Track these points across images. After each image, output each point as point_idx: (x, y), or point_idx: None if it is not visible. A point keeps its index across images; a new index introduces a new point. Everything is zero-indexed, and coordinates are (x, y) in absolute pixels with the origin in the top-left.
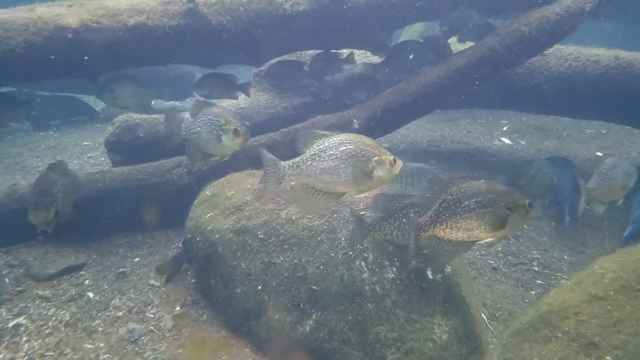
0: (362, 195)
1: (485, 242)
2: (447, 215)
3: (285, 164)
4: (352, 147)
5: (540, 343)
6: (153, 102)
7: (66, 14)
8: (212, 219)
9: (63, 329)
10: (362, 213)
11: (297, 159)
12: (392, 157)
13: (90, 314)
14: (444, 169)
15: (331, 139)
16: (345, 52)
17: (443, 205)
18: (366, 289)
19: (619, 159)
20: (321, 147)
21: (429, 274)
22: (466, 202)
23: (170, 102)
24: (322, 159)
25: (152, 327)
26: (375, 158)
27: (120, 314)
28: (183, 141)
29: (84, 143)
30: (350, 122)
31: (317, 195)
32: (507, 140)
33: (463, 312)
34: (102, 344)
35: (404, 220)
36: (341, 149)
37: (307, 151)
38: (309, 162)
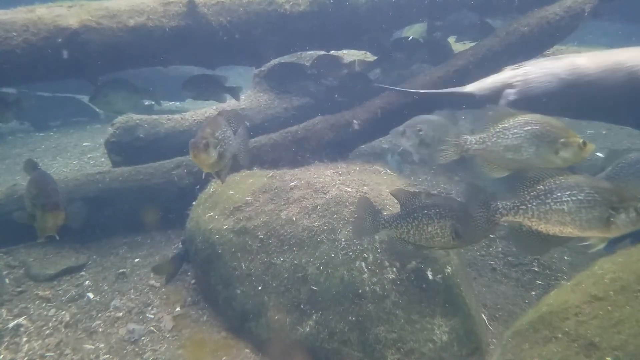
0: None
1: (586, 244)
2: (534, 204)
3: (472, 137)
4: (537, 127)
5: (540, 344)
6: (153, 103)
7: (66, 14)
8: (212, 219)
9: (63, 330)
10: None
11: (483, 134)
12: (581, 141)
13: (91, 315)
14: (443, 171)
15: (517, 119)
16: (345, 52)
17: (532, 194)
18: (366, 289)
19: None
20: (506, 125)
21: (429, 274)
22: (559, 194)
23: (170, 103)
24: (506, 137)
25: (152, 328)
26: (562, 140)
27: (121, 314)
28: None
29: (84, 144)
30: (350, 122)
31: (494, 168)
32: None
33: (463, 313)
34: (102, 345)
35: (424, 220)
36: (526, 128)
37: (493, 128)
38: (494, 139)
